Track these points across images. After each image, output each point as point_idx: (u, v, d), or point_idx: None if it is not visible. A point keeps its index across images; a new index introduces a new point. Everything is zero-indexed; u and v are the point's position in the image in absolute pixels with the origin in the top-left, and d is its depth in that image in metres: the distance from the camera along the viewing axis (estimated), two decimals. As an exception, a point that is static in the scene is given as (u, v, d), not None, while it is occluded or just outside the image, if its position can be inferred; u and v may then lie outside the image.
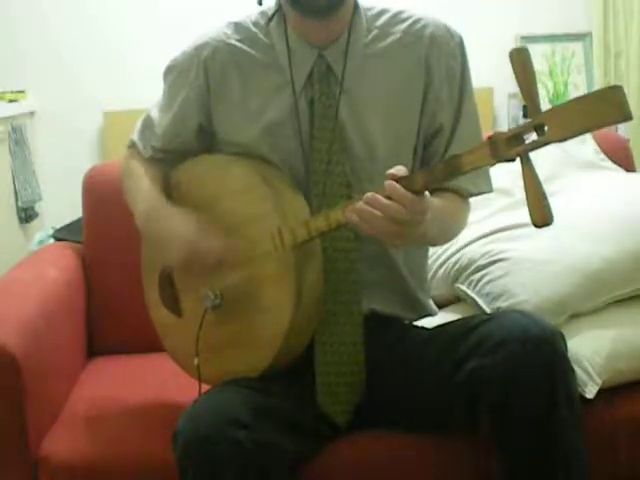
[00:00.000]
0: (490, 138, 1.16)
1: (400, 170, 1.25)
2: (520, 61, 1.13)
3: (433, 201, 1.31)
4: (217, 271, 1.43)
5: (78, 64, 3.50)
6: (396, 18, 1.50)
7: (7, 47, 3.43)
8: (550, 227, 1.14)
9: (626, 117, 1.06)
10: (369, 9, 1.51)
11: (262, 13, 1.53)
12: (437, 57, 1.48)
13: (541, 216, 1.12)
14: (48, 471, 1.48)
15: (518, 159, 1.15)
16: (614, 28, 3.52)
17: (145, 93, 2.91)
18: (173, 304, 1.54)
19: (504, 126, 3.61)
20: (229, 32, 1.52)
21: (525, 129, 1.14)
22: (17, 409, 1.46)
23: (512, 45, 3.64)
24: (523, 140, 1.15)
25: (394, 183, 1.23)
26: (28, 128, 3.29)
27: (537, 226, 1.13)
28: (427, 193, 1.26)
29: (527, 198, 1.13)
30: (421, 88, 1.48)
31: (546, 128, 1.11)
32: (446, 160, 1.21)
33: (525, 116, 3.47)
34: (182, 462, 1.29)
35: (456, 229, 1.54)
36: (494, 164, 1.18)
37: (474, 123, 1.53)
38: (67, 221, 2.59)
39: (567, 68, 3.66)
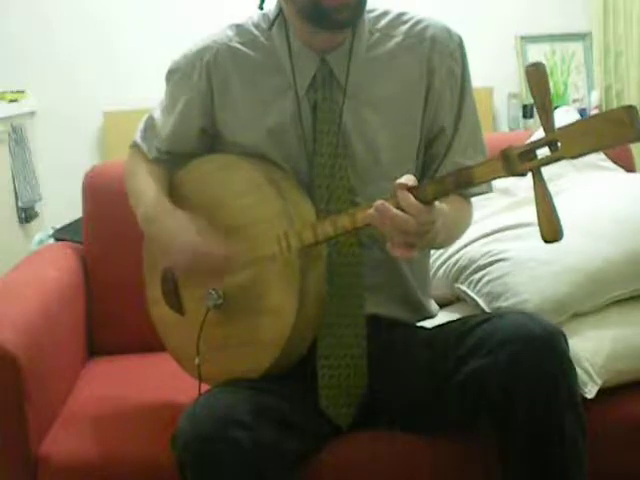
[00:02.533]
0: (503, 152, 1.16)
1: (410, 179, 1.24)
2: (536, 77, 1.13)
3: (443, 208, 1.30)
4: (219, 275, 1.43)
5: (78, 64, 3.50)
6: (397, 20, 1.50)
7: (7, 47, 3.43)
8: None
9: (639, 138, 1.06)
10: (371, 11, 1.50)
11: (264, 15, 1.52)
12: (438, 59, 1.48)
13: (551, 232, 1.13)
14: (48, 471, 1.49)
15: (529, 174, 1.15)
16: (614, 28, 3.51)
17: (145, 93, 2.92)
18: (175, 302, 1.54)
19: (504, 126, 3.61)
20: (231, 34, 1.52)
21: (538, 144, 1.14)
22: (17, 409, 1.46)
23: (512, 45, 3.64)
24: (535, 155, 1.15)
25: (406, 193, 1.22)
26: (28, 128, 3.29)
27: (547, 241, 1.13)
28: (437, 202, 1.25)
29: (537, 213, 1.13)
30: (423, 90, 1.48)
31: (559, 144, 1.12)
32: (457, 172, 1.21)
33: (525, 116, 3.48)
34: (182, 462, 1.29)
35: (462, 231, 1.55)
36: (505, 177, 1.18)
37: (474, 124, 1.53)
38: (67, 221, 2.59)
39: (567, 68, 3.66)
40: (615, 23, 3.51)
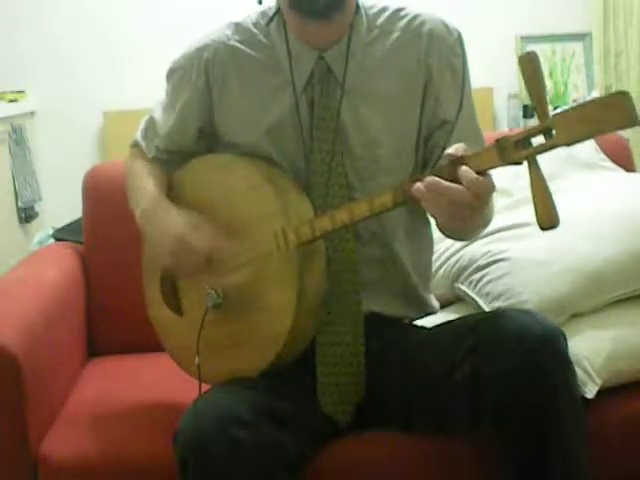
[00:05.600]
0: (498, 141, 1.16)
1: (459, 149, 1.20)
2: (530, 65, 1.13)
3: None
4: (210, 269, 1.43)
5: (78, 64, 3.50)
6: (395, 16, 1.50)
7: (7, 47, 3.44)
8: (551, 227, 1.14)
9: (633, 123, 1.06)
10: (370, 8, 1.51)
11: (262, 13, 1.53)
12: (437, 54, 1.48)
13: (548, 219, 1.13)
14: (48, 471, 1.48)
15: (525, 162, 1.15)
16: (614, 28, 3.52)
17: (145, 93, 2.92)
18: (174, 303, 1.54)
19: (504, 126, 3.61)
20: (229, 33, 1.52)
21: (533, 132, 1.14)
22: (17, 409, 1.46)
23: (512, 45, 3.64)
24: (530, 143, 1.15)
25: (461, 165, 1.18)
26: (28, 128, 3.29)
27: (543, 229, 1.13)
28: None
29: (534, 201, 1.13)
30: (421, 86, 1.48)
31: (554, 132, 1.12)
32: (452, 162, 1.20)
33: (525, 116, 3.48)
34: (183, 461, 1.29)
35: (492, 215, 1.48)
36: (501, 166, 1.18)
37: (472, 113, 1.53)
38: (67, 221, 2.59)
39: (567, 68, 3.66)
40: (615, 23, 3.52)
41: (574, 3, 3.67)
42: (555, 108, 3.18)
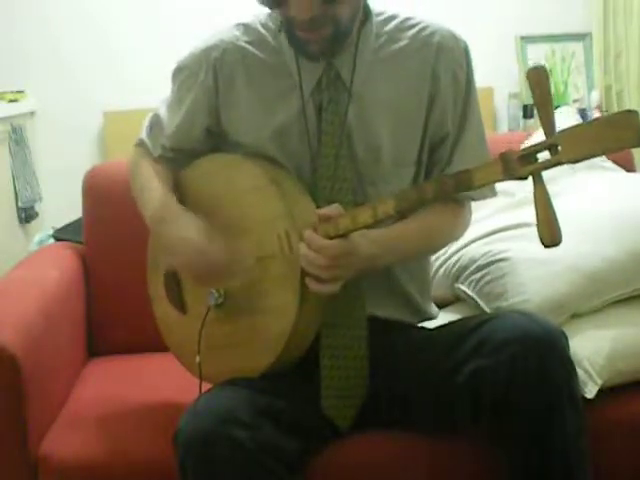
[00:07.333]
0: (502, 155, 1.16)
1: (331, 209, 1.32)
2: (538, 80, 1.13)
3: (385, 233, 1.38)
4: (222, 279, 1.43)
5: (78, 64, 3.50)
6: (405, 24, 1.50)
7: (7, 47, 3.43)
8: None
9: (639, 143, 1.06)
10: (378, 14, 1.51)
11: (270, 15, 1.51)
12: (444, 66, 1.48)
13: (551, 236, 1.13)
14: (48, 471, 1.49)
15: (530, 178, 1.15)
16: (614, 28, 3.51)
17: (145, 93, 2.92)
18: (178, 301, 1.54)
19: (504, 126, 3.61)
20: (238, 34, 1.52)
21: (538, 148, 1.14)
22: (17, 409, 1.46)
23: (512, 45, 3.64)
24: (536, 158, 1.15)
25: (310, 231, 1.31)
26: (28, 128, 3.29)
27: (546, 246, 1.14)
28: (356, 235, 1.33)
29: (537, 217, 1.14)
30: (427, 95, 1.48)
31: (559, 148, 1.12)
32: (457, 175, 1.21)
33: (525, 116, 3.47)
34: (183, 461, 1.29)
35: (444, 240, 1.55)
36: (505, 181, 1.18)
37: (479, 130, 1.53)
38: (67, 221, 2.58)
39: (567, 68, 3.66)
40: (615, 23, 3.51)
41: (574, 3, 3.66)
42: (555, 108, 3.19)
